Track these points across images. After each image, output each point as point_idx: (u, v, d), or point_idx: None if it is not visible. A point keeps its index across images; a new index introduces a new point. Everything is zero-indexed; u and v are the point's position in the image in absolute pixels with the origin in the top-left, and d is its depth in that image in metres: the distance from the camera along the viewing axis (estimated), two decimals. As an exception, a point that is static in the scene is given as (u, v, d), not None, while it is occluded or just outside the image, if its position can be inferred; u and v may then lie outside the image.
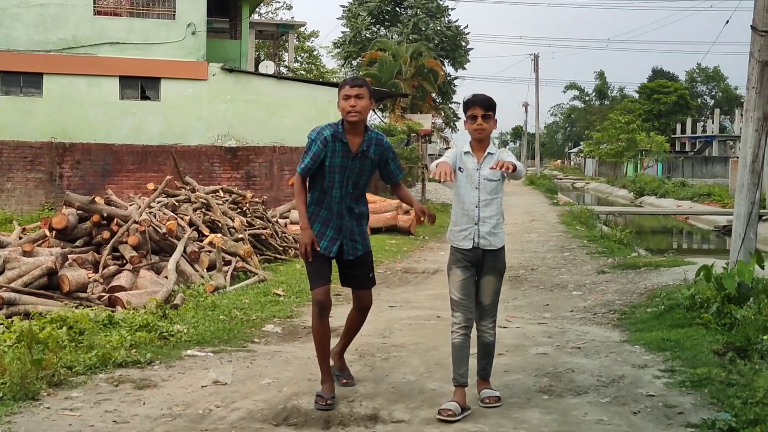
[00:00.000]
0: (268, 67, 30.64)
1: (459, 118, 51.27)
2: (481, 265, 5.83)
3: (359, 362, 7.14)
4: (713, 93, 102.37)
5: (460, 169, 5.76)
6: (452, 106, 49.77)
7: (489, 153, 5.80)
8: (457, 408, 5.55)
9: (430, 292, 11.22)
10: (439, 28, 47.45)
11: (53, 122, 24.59)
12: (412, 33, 45.35)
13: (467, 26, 50.95)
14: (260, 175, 26.06)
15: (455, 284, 5.83)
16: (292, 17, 47.13)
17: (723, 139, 73.09)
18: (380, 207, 20.01)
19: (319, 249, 5.85)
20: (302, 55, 47.72)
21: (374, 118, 41.18)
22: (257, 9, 38.11)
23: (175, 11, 25.68)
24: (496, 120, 5.84)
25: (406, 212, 19.85)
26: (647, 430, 5.28)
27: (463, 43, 49.23)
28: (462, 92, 59.71)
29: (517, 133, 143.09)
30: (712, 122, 78.13)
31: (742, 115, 62.39)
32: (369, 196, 22.27)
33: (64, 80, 24.80)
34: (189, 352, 7.43)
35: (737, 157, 47.06)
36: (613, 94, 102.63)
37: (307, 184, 6.01)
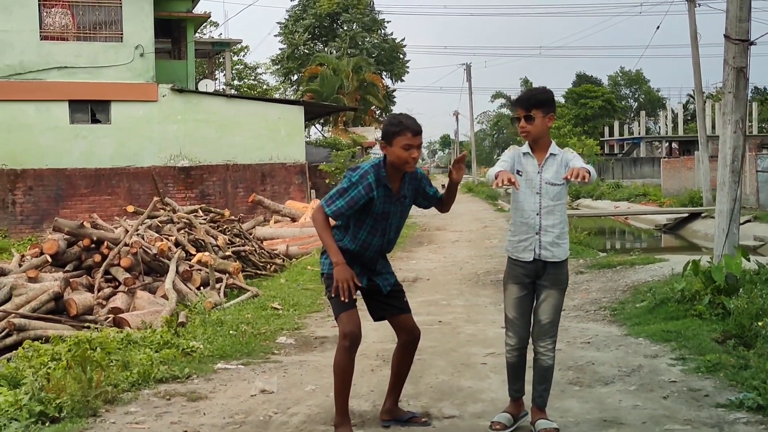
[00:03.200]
0: (207, 85, 30.84)
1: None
2: (542, 279, 5.34)
3: (387, 366, 7.43)
4: (636, 95, 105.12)
5: (518, 172, 5.25)
6: (392, 117, 50.32)
7: (551, 154, 5.30)
8: (509, 420, 5.47)
9: (420, 299, 11.59)
10: (376, 41, 48.08)
11: (2, 149, 24.49)
12: (350, 47, 45.85)
13: (404, 39, 51.88)
14: (214, 194, 26.24)
15: (511, 301, 5.41)
16: (220, 34, 47.30)
17: (649, 140, 74.99)
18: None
19: (360, 284, 5.33)
20: (246, 72, 47.78)
21: (315, 133, 41.54)
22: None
23: (122, 34, 25.77)
24: (551, 115, 5.32)
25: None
26: (681, 411, 5.74)
27: (401, 56, 49.95)
28: (402, 104, 60.30)
29: (445, 141, 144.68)
30: (638, 124, 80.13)
31: (666, 116, 64.12)
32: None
33: (12, 106, 24.69)
34: (219, 365, 7.70)
35: (666, 157, 48.33)
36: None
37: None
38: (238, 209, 24.94)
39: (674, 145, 72.14)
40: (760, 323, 7.64)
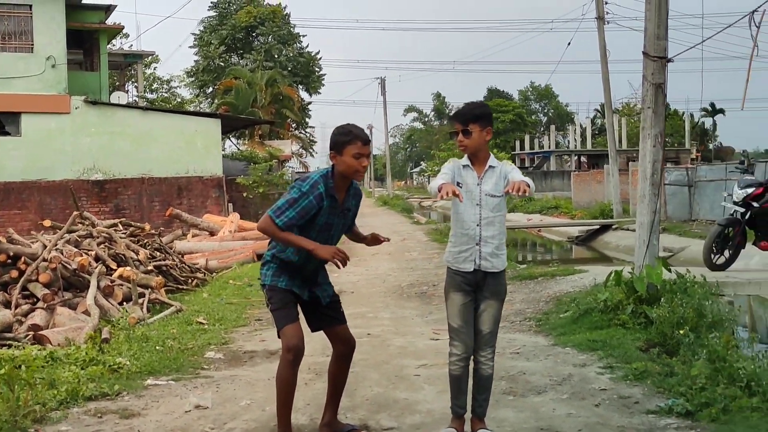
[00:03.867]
0: (119, 97, 30.35)
1: (316, 142, 51.98)
2: (483, 290, 5.42)
3: (321, 379, 7.46)
4: (546, 110, 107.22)
5: (458, 184, 5.29)
6: (308, 131, 50.44)
7: (490, 166, 5.38)
8: None
9: (346, 313, 11.45)
10: (291, 54, 48.01)
11: None
12: (266, 60, 45.69)
13: (319, 52, 51.96)
14: (129, 207, 25.80)
15: (455, 310, 5.43)
16: (131, 46, 46.48)
17: (559, 154, 76.48)
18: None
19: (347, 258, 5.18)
20: (159, 85, 47.12)
21: (230, 146, 41.24)
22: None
23: (33, 44, 25.23)
24: (489, 129, 5.41)
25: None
26: (614, 419, 5.89)
27: (317, 69, 49.98)
28: (317, 117, 60.41)
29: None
30: (548, 138, 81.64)
31: (574, 130, 65.52)
32: (246, 224, 22.44)
33: None
34: (149, 381, 7.57)
35: (576, 171, 49.31)
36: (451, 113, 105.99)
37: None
38: (154, 223, 24.50)
39: (583, 158, 73.71)
40: (681, 331, 7.87)
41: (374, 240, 5.76)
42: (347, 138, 5.20)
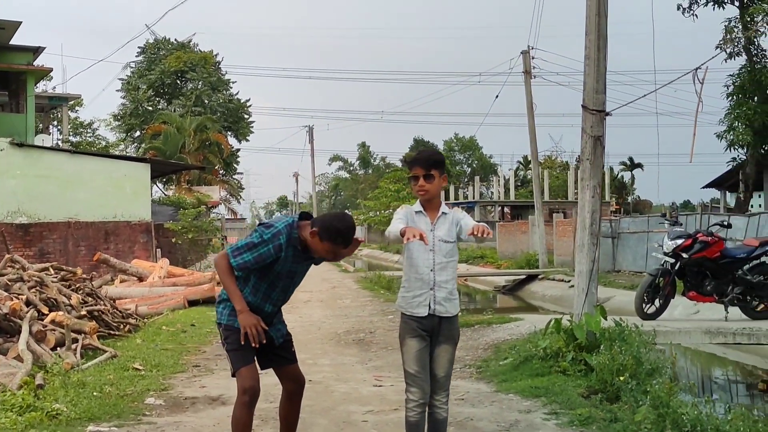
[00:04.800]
0: (43, 140, 29.96)
1: (243, 189, 51.73)
2: (437, 334, 5.45)
3: (269, 426, 7.44)
4: (470, 161, 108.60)
5: None
6: (236, 177, 50.23)
7: (443, 213, 5.49)
8: None
9: (285, 359, 11.55)
10: (221, 100, 47.93)
11: None
12: (195, 105, 45.53)
13: (249, 99, 52.00)
14: (54, 252, 25.25)
15: (411, 356, 5.39)
16: (54, 88, 45.73)
17: (483, 204, 77.47)
18: (195, 279, 20.09)
19: (266, 328, 5.29)
20: (82, 129, 46.48)
21: (156, 192, 40.82)
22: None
23: (-43, 84, 24.71)
24: (445, 176, 5.52)
25: (219, 283, 20.04)
26: (564, 463, 6.00)
27: (246, 116, 49.96)
28: (245, 164, 60.18)
29: (283, 202, 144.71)
30: (473, 189, 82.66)
31: (498, 181, 66.53)
32: (176, 270, 22.15)
33: None
34: (90, 428, 7.43)
35: (500, 221, 50.06)
36: (376, 163, 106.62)
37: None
38: (80, 268, 24.08)
39: (506, 209, 74.79)
40: (621, 378, 8.06)
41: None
42: (337, 238, 5.16)
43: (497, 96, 50.09)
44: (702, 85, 9.54)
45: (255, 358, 5.44)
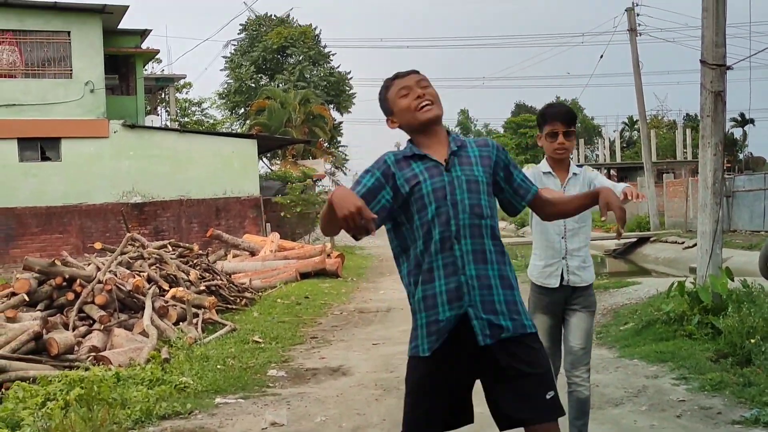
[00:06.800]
0: (152, 121, 30.60)
1: (348, 160, 52.12)
2: (571, 304, 4.96)
3: (391, 395, 7.45)
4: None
5: None
6: (341, 149, 50.63)
7: (573, 173, 4.96)
8: None
9: (400, 329, 11.55)
10: (323, 74, 48.28)
11: (-50, 188, 23.96)
12: (298, 80, 45.94)
13: (350, 71, 52.26)
14: (168, 230, 25.92)
15: (542, 331, 4.66)
16: (162, 70, 46.67)
17: (590, 168, 76.20)
18: (305, 252, 20.36)
19: (372, 217, 3.06)
20: (190, 107, 47.49)
21: (263, 168, 41.44)
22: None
23: (71, 70, 25.46)
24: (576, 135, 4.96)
25: (329, 255, 20.27)
26: (699, 430, 5.81)
27: (347, 88, 50.21)
28: (348, 136, 60.48)
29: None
30: (577, 152, 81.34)
31: (603, 144, 65.20)
32: (286, 243, 22.52)
33: (-41, 145, 24.20)
34: (218, 400, 7.59)
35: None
36: (477, 128, 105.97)
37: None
38: (196, 244, 24.72)
39: (613, 171, 73.30)
40: (752, 341, 7.77)
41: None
42: (386, 88, 3.65)
43: (602, 56, 48.86)
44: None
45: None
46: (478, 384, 3.38)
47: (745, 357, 7.67)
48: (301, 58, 48.44)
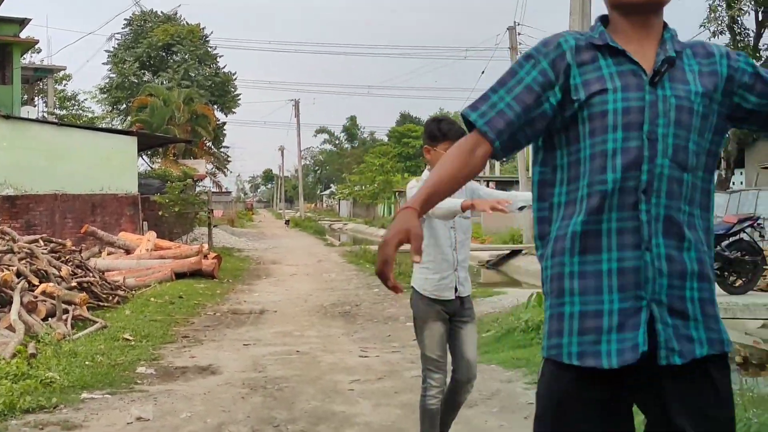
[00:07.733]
0: (29, 112, 29.83)
1: (230, 162, 51.81)
2: (460, 315, 5.07)
3: (257, 394, 7.66)
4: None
5: None
6: (223, 150, 50.26)
7: None
8: None
9: (273, 331, 11.76)
10: (208, 74, 47.88)
11: None
12: (183, 79, 45.44)
13: (235, 72, 52.00)
14: (41, 224, 25.26)
15: (434, 341, 4.98)
16: (42, 60, 45.35)
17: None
18: (182, 252, 20.28)
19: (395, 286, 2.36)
20: (67, 101, 46.32)
21: (143, 165, 40.84)
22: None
23: (-56, 56, 24.64)
24: None
25: (206, 256, 20.24)
26: (543, 429, 6.23)
27: (232, 89, 49.94)
28: (231, 137, 59.92)
29: (268, 176, 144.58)
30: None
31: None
32: (163, 242, 22.40)
33: None
34: (85, 395, 7.64)
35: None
36: (363, 136, 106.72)
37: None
38: (69, 240, 24.21)
39: (491, 184, 75.04)
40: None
41: None
42: None
43: (483, 71, 49.95)
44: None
45: None
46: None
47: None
48: (187, 56, 47.94)
